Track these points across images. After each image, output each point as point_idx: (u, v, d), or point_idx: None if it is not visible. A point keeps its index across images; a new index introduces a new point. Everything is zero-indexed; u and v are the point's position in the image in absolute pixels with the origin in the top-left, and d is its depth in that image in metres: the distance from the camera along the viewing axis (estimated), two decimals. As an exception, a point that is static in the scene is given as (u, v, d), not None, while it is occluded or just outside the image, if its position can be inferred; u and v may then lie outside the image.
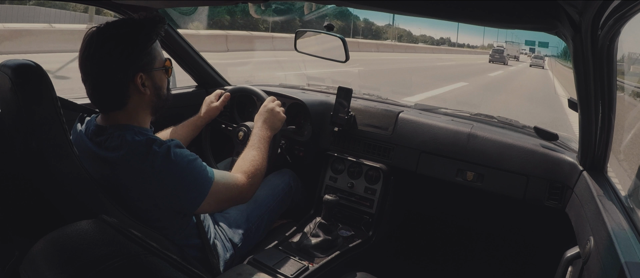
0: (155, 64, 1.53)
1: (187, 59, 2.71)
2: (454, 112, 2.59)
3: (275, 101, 2.15)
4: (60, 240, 0.68)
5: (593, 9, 1.08)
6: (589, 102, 1.49)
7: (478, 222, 2.51)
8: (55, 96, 1.40)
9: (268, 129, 2.01)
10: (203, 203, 1.52)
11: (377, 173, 2.40)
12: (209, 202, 1.54)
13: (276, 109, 2.10)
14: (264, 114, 2.06)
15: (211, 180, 1.54)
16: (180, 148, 1.52)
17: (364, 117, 2.47)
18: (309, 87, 3.08)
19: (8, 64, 1.37)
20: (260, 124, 2.02)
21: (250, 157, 1.81)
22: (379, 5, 1.57)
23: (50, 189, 1.47)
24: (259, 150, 1.87)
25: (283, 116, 2.12)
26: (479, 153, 2.15)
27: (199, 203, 1.52)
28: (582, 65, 1.36)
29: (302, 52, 2.52)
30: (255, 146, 1.88)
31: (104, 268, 0.62)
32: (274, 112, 2.09)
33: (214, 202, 1.56)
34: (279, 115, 2.10)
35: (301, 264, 1.95)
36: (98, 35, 1.44)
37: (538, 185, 2.01)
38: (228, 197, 1.62)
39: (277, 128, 2.08)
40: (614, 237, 1.23)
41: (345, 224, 2.31)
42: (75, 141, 1.53)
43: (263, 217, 2.11)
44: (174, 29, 2.54)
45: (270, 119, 2.06)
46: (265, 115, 2.06)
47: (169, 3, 2.36)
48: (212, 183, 1.54)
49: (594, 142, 1.64)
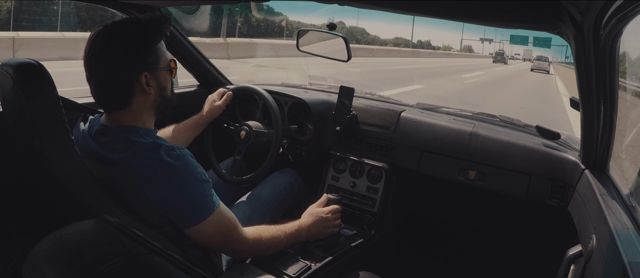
0: (160, 64, 1.52)
1: (189, 58, 2.71)
2: (455, 111, 2.59)
3: (338, 213, 2.05)
4: (62, 240, 0.68)
5: (595, 9, 1.08)
6: (591, 101, 1.49)
7: (480, 221, 2.50)
8: (57, 95, 1.40)
9: (310, 233, 1.92)
10: (193, 228, 1.47)
11: (379, 173, 2.40)
12: (199, 230, 1.47)
13: (331, 223, 2.01)
14: (318, 221, 1.95)
15: (211, 210, 1.49)
16: (193, 161, 1.49)
17: (366, 116, 2.47)
18: (311, 86, 3.08)
19: (10, 63, 1.38)
20: (309, 223, 1.92)
21: (276, 233, 1.74)
22: (382, 4, 1.57)
23: (52, 189, 1.47)
24: (287, 238, 1.80)
25: (330, 232, 2.01)
26: (481, 152, 2.15)
27: (190, 224, 1.46)
28: (584, 64, 1.36)
29: (305, 51, 2.52)
30: (288, 233, 1.81)
31: (106, 267, 0.62)
32: (328, 224, 1.99)
33: (203, 233, 1.48)
34: (328, 230, 1.99)
35: (303, 263, 1.95)
36: (103, 34, 1.44)
37: (540, 184, 2.01)
38: (217, 238, 1.54)
39: (317, 238, 1.97)
40: (616, 235, 1.23)
41: (348, 223, 2.31)
42: (78, 141, 1.53)
43: (265, 216, 2.11)
44: (177, 28, 2.54)
45: (318, 228, 1.96)
46: (318, 223, 1.95)
47: (172, 2, 2.37)
48: (211, 213, 1.48)
49: (596, 140, 1.64)
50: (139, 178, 1.43)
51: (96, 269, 0.62)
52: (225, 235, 1.55)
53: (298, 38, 2.52)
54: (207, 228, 1.49)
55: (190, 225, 1.47)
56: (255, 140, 2.25)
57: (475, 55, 62.97)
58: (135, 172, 1.42)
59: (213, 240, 1.54)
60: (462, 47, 68.23)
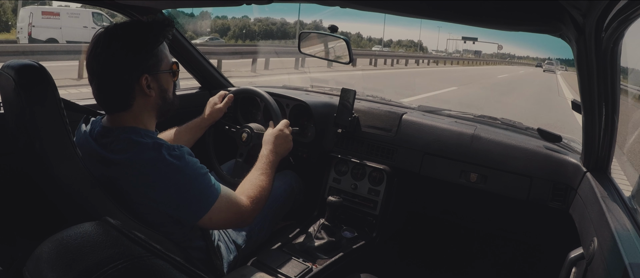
0: (162, 66, 1.53)
1: (191, 60, 2.71)
2: (457, 114, 2.59)
3: (288, 127, 2.11)
4: (63, 242, 0.68)
5: (597, 11, 1.08)
6: (593, 104, 1.49)
7: (481, 223, 2.50)
8: (58, 97, 1.40)
9: (277, 154, 1.97)
10: (204, 218, 1.50)
11: (380, 175, 2.40)
12: (211, 217, 1.51)
13: (289, 136, 2.07)
14: (276, 139, 2.02)
15: (216, 196, 1.52)
16: (191, 157, 1.51)
17: (367, 119, 2.47)
18: (313, 88, 3.08)
19: (11, 65, 1.38)
20: (271, 147, 1.97)
21: (258, 181, 1.77)
22: (383, 6, 1.57)
23: (53, 191, 1.47)
24: (267, 174, 1.83)
25: (291, 144, 2.08)
26: (482, 155, 2.15)
27: (199, 216, 1.49)
28: (586, 67, 1.35)
29: (307, 53, 2.53)
30: (263, 170, 1.84)
31: (107, 270, 0.62)
32: (287, 138, 2.06)
33: (215, 218, 1.52)
34: (290, 143, 2.06)
35: (305, 266, 1.95)
36: (105, 35, 1.44)
37: (542, 187, 2.01)
38: (229, 217, 1.58)
39: (284, 154, 2.02)
40: (617, 238, 1.23)
41: (349, 226, 2.31)
42: (79, 142, 1.53)
43: (266, 218, 2.11)
44: (179, 31, 2.54)
45: (282, 145, 2.01)
46: (277, 140, 2.01)
47: (174, 3, 2.37)
48: (216, 199, 1.51)
49: (598, 143, 1.64)
50: (142, 178, 1.43)
51: (98, 271, 0.61)
52: (235, 211, 1.59)
53: (300, 40, 2.52)
54: (218, 213, 1.52)
55: (201, 216, 1.50)
56: (257, 142, 2.25)
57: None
58: (138, 171, 1.43)
59: (227, 219, 1.58)
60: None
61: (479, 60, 62.57)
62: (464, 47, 72.67)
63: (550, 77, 38.53)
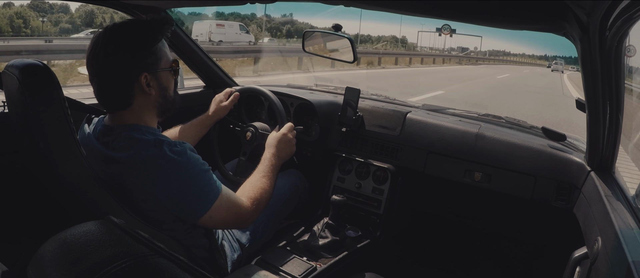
0: (161, 64, 1.53)
1: (195, 59, 2.72)
2: (461, 113, 2.58)
3: (292, 131, 2.11)
4: (66, 241, 0.68)
5: (601, 10, 1.07)
6: (597, 103, 1.48)
7: (486, 223, 2.50)
8: (62, 96, 1.40)
9: (280, 157, 1.97)
10: (204, 216, 1.50)
11: (384, 174, 2.40)
12: (211, 216, 1.51)
13: (293, 140, 2.07)
14: (279, 143, 2.01)
15: (217, 194, 1.52)
16: (193, 154, 1.51)
17: (371, 118, 2.47)
18: (317, 87, 3.08)
19: (16, 64, 1.38)
20: (274, 151, 1.97)
21: (260, 184, 1.77)
22: (387, 5, 1.56)
23: (57, 190, 1.47)
24: (268, 178, 1.82)
25: (294, 149, 2.08)
26: (486, 154, 2.14)
27: (201, 214, 1.49)
28: (590, 66, 1.35)
29: (310, 52, 2.52)
30: (265, 173, 1.84)
31: (111, 269, 0.62)
32: (290, 142, 2.05)
33: (216, 217, 1.52)
34: (293, 148, 2.06)
35: (309, 265, 1.95)
36: (104, 35, 1.45)
37: (546, 186, 2.00)
38: (229, 217, 1.58)
39: (286, 158, 2.02)
40: (621, 237, 1.23)
41: (353, 225, 2.31)
42: (82, 141, 1.53)
43: (270, 217, 2.11)
44: (183, 30, 2.55)
45: (285, 149, 2.01)
46: (280, 145, 2.01)
47: (177, 3, 2.37)
48: (217, 197, 1.52)
49: (602, 142, 1.63)
50: (144, 175, 1.43)
51: (101, 270, 0.61)
52: (235, 212, 1.59)
53: (304, 39, 2.52)
54: (219, 212, 1.52)
55: (201, 214, 1.50)
56: (261, 142, 2.25)
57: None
58: (140, 168, 1.43)
59: (226, 220, 1.58)
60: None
61: (478, 59, 61.18)
62: (451, 43, 70.03)
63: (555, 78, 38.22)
